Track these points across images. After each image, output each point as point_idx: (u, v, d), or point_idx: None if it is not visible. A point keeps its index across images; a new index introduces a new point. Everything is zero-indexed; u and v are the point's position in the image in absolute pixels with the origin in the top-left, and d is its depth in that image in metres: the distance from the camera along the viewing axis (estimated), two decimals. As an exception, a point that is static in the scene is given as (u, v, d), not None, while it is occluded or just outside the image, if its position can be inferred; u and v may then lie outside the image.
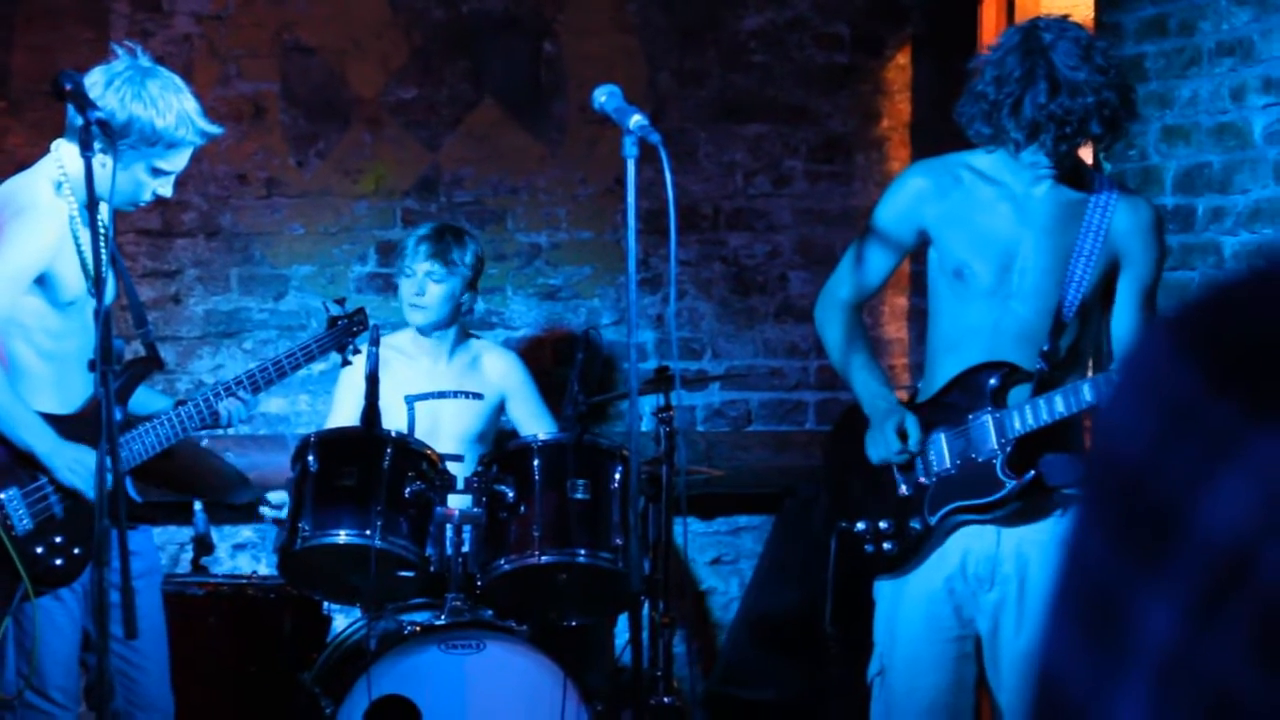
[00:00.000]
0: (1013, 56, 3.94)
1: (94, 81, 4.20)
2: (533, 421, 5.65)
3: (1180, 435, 0.86)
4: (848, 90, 6.64)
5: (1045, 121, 3.90)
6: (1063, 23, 4.01)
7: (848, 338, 4.34)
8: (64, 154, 4.23)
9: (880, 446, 4.21)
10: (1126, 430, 0.89)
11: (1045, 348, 4.08)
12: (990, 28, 6.56)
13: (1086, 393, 3.96)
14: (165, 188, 4.32)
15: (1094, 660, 0.88)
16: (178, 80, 4.31)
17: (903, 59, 6.66)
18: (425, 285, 5.49)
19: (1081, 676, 0.89)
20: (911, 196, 4.22)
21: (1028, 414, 4.05)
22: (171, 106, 4.22)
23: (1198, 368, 0.87)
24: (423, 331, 5.58)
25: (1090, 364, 4.29)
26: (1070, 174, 4.10)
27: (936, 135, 5.80)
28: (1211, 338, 0.88)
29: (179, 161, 4.30)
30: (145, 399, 4.49)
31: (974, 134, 4.06)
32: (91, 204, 3.80)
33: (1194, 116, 5.55)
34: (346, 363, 4.77)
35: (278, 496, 5.04)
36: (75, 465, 4.16)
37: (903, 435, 4.18)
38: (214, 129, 4.33)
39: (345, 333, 4.73)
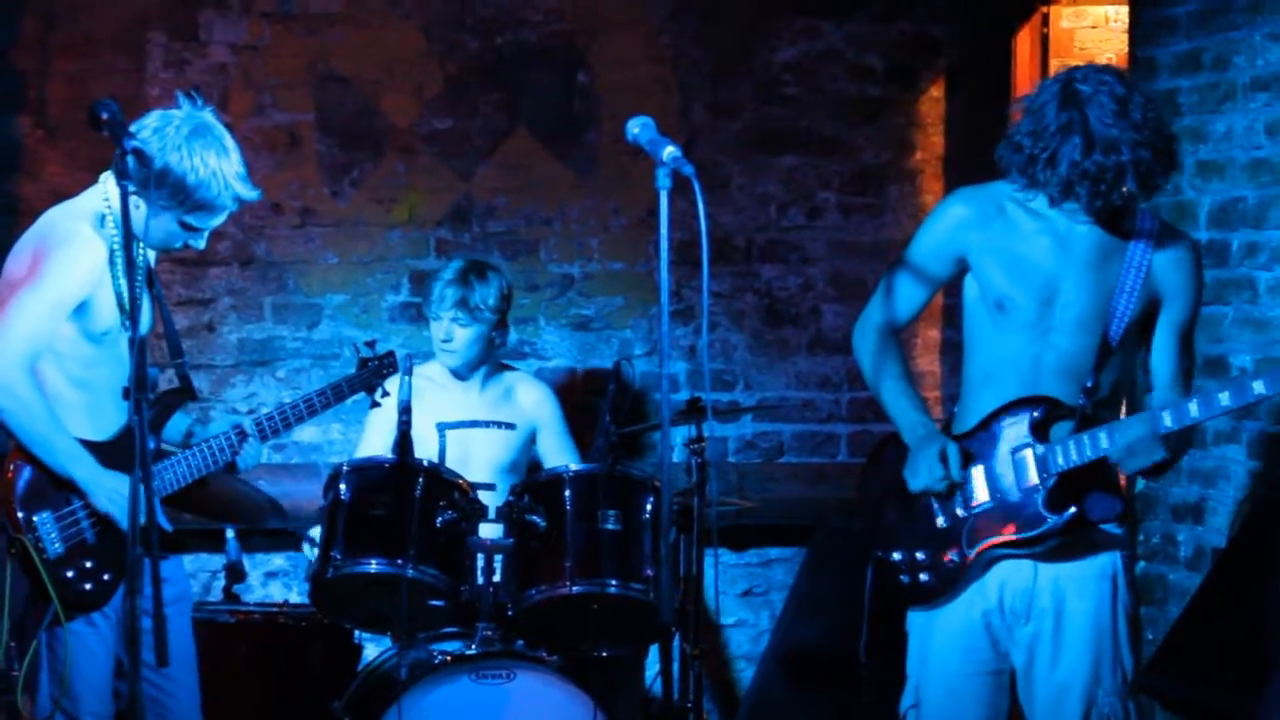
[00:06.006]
0: (1050, 108, 3.91)
1: (148, 123, 4.22)
2: (558, 456, 5.64)
3: None
4: (881, 122, 6.64)
5: (1079, 179, 3.88)
6: (1101, 74, 3.95)
7: (881, 360, 4.31)
8: (109, 186, 4.24)
9: (922, 474, 4.18)
10: None
11: (1089, 384, 4.05)
12: (1024, 61, 6.56)
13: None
14: (198, 241, 4.31)
15: None
16: (228, 142, 4.27)
17: (936, 91, 6.66)
18: (452, 331, 5.51)
19: None
20: (953, 224, 4.19)
21: (1071, 449, 4.02)
22: (209, 166, 4.19)
23: None
24: (455, 373, 5.59)
25: (1125, 399, 4.25)
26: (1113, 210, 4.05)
27: (970, 168, 5.79)
28: None
29: (210, 221, 4.29)
30: (178, 429, 4.50)
31: (1011, 181, 4.04)
32: (127, 233, 3.78)
33: (1228, 151, 5.53)
34: (375, 404, 4.83)
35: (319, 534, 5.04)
36: (113, 494, 4.16)
37: (944, 462, 4.16)
38: (250, 195, 4.29)
39: (375, 374, 4.80)
